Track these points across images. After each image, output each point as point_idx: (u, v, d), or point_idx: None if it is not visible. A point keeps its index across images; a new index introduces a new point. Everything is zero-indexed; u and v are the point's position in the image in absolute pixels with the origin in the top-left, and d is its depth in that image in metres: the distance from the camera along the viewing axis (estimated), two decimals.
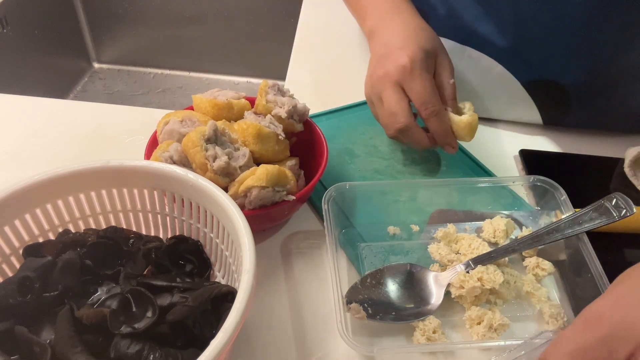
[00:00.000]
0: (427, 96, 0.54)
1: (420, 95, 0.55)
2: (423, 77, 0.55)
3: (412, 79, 0.55)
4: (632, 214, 0.48)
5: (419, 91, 0.55)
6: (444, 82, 0.58)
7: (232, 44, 1.37)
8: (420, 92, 0.55)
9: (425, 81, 0.55)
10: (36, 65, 1.22)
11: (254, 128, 0.50)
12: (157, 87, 1.40)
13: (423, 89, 0.54)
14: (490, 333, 0.45)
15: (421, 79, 0.55)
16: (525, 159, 0.66)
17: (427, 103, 0.55)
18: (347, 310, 0.45)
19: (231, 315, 0.33)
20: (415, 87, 0.55)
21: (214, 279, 0.47)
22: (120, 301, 0.39)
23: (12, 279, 0.40)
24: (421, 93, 0.55)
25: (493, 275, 0.46)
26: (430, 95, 0.55)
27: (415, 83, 0.55)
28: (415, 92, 0.55)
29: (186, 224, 0.48)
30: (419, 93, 0.55)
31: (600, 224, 0.48)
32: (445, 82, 0.58)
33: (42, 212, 0.44)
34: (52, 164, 0.43)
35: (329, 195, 0.52)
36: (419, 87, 0.54)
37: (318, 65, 0.83)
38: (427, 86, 0.55)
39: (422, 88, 0.54)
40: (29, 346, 0.37)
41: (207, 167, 0.47)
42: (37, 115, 0.69)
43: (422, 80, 0.55)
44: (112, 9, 1.35)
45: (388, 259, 0.52)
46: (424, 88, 0.54)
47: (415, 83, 0.55)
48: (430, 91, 0.55)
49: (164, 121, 0.53)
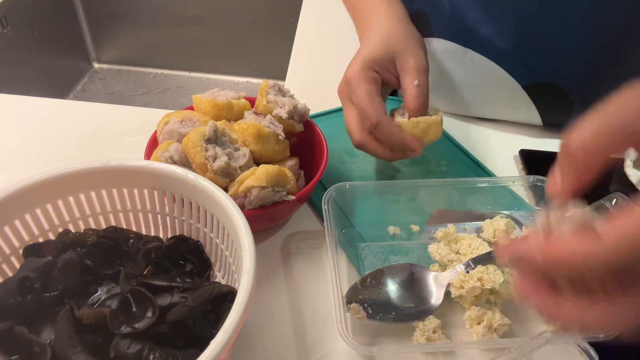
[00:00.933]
0: (363, 109, 0.52)
1: (358, 109, 0.53)
2: (359, 90, 0.53)
3: (353, 93, 0.54)
4: None
5: (357, 104, 0.53)
6: (407, 85, 0.54)
7: (232, 44, 1.37)
8: (358, 104, 0.53)
9: (360, 93, 0.53)
10: (36, 65, 1.22)
11: (254, 128, 0.50)
12: (157, 87, 1.40)
13: (358, 102, 0.53)
14: (490, 333, 0.45)
15: (356, 93, 0.53)
16: (525, 159, 0.66)
17: (364, 116, 0.53)
18: (347, 310, 0.45)
19: (231, 315, 0.33)
20: (355, 101, 0.54)
21: (214, 279, 0.47)
22: (120, 301, 0.39)
23: (12, 279, 0.40)
24: (358, 106, 0.53)
25: (493, 275, 0.46)
26: (366, 107, 0.52)
27: (354, 96, 0.53)
28: (356, 106, 0.54)
29: (186, 224, 0.48)
30: (358, 106, 0.53)
31: None
32: (407, 85, 0.54)
33: (42, 212, 0.44)
34: (52, 164, 0.43)
35: (329, 196, 0.52)
36: (356, 100, 0.53)
37: (318, 65, 0.83)
38: (360, 98, 0.53)
39: (358, 101, 0.53)
40: (29, 346, 0.37)
41: (207, 168, 0.47)
42: (37, 115, 0.69)
43: (357, 93, 0.53)
44: (112, 9, 1.35)
45: (388, 259, 0.52)
46: (359, 101, 0.53)
47: (354, 96, 0.53)
48: (365, 103, 0.52)
49: (164, 121, 0.53)
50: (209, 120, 0.50)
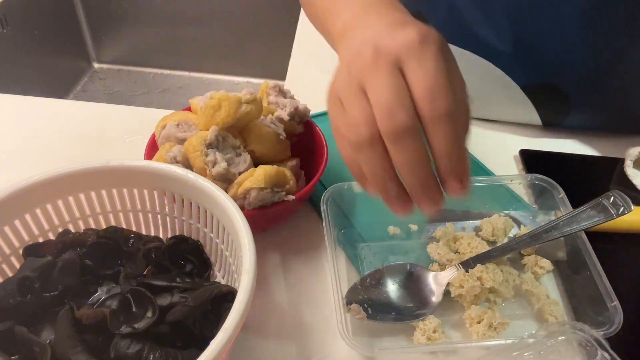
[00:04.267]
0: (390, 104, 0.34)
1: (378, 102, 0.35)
2: (384, 79, 0.35)
3: (422, 57, 0.35)
4: (629, 211, 0.48)
5: (379, 96, 0.35)
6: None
7: (232, 44, 1.37)
8: (380, 97, 0.35)
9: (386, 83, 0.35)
10: (36, 65, 1.22)
11: (255, 128, 0.50)
12: (157, 87, 1.40)
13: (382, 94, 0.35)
14: (490, 332, 0.45)
15: (380, 82, 0.35)
16: (525, 159, 0.65)
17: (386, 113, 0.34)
18: (347, 311, 0.45)
19: (231, 315, 0.33)
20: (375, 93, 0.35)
21: (214, 279, 0.47)
22: (120, 301, 0.39)
23: (12, 279, 0.41)
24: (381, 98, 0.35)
25: (492, 274, 0.46)
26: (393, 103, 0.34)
27: (376, 85, 0.35)
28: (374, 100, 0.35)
29: (186, 224, 0.48)
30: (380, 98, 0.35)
31: (599, 222, 0.48)
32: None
33: (42, 212, 0.44)
34: (52, 164, 0.43)
35: (327, 196, 0.52)
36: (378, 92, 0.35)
37: (318, 65, 0.83)
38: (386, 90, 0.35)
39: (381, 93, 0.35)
40: (29, 346, 0.37)
41: (206, 173, 0.47)
42: (37, 115, 0.69)
43: (382, 82, 0.35)
44: (112, 9, 1.35)
45: (387, 259, 0.52)
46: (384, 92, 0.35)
47: (376, 85, 0.35)
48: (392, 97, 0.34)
49: (161, 124, 0.53)
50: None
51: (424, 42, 0.35)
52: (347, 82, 0.37)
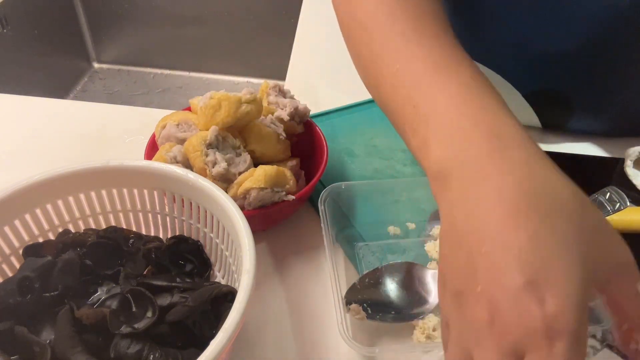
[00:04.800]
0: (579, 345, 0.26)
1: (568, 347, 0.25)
2: (576, 342, 0.26)
3: (551, 348, 0.25)
4: (625, 207, 0.48)
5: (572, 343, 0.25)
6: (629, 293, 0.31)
7: (232, 44, 1.37)
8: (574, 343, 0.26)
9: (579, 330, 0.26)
10: (36, 65, 1.22)
11: (255, 127, 0.50)
12: (157, 87, 1.40)
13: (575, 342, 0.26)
14: None
15: (571, 346, 0.25)
16: None
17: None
18: (346, 311, 0.45)
19: (231, 315, 0.33)
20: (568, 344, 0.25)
21: (214, 279, 0.47)
22: (120, 301, 0.39)
23: (12, 279, 0.41)
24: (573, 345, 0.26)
25: None
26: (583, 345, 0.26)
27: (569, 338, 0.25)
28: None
29: (186, 224, 0.48)
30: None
31: None
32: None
33: (42, 212, 0.44)
34: (52, 164, 0.43)
35: (325, 196, 0.52)
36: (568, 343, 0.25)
37: (318, 65, 0.83)
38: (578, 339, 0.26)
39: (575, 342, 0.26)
40: (29, 346, 0.37)
41: (206, 173, 0.47)
42: (37, 115, 0.69)
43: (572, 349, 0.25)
44: (112, 9, 1.35)
45: (386, 258, 0.52)
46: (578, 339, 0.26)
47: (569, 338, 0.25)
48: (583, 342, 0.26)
49: (161, 124, 0.53)
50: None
51: (550, 337, 0.26)
52: (450, 313, 0.32)
